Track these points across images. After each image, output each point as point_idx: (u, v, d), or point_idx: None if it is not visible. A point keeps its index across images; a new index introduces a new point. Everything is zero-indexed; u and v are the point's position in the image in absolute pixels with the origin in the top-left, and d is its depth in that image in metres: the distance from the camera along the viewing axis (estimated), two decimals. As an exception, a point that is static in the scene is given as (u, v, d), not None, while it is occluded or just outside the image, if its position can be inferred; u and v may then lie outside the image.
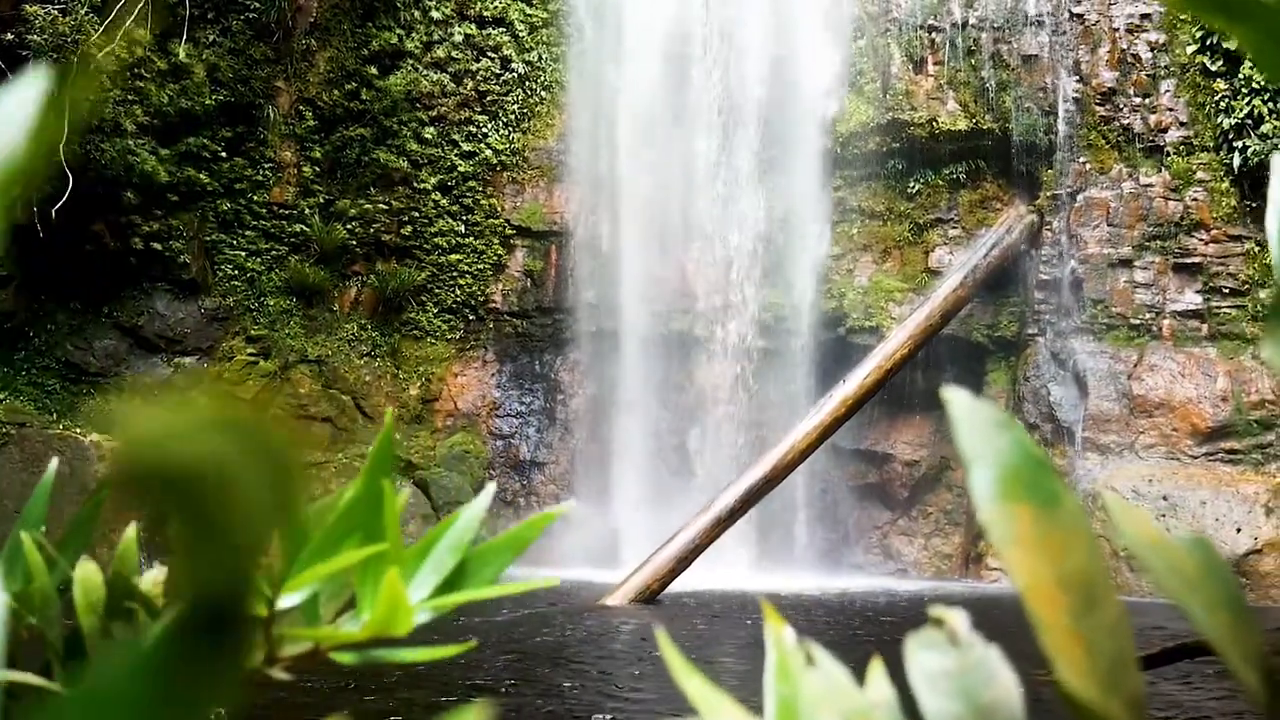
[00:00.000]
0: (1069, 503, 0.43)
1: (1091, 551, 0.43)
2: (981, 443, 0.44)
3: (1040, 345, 13.19)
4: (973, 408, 0.44)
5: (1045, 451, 0.61)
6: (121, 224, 13.52)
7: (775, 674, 0.48)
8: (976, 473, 0.43)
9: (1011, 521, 0.43)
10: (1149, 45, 13.02)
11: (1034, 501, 0.44)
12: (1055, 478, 0.45)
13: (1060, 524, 0.43)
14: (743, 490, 11.30)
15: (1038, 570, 0.42)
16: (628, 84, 14.34)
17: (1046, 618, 0.42)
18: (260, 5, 14.16)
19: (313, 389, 14.48)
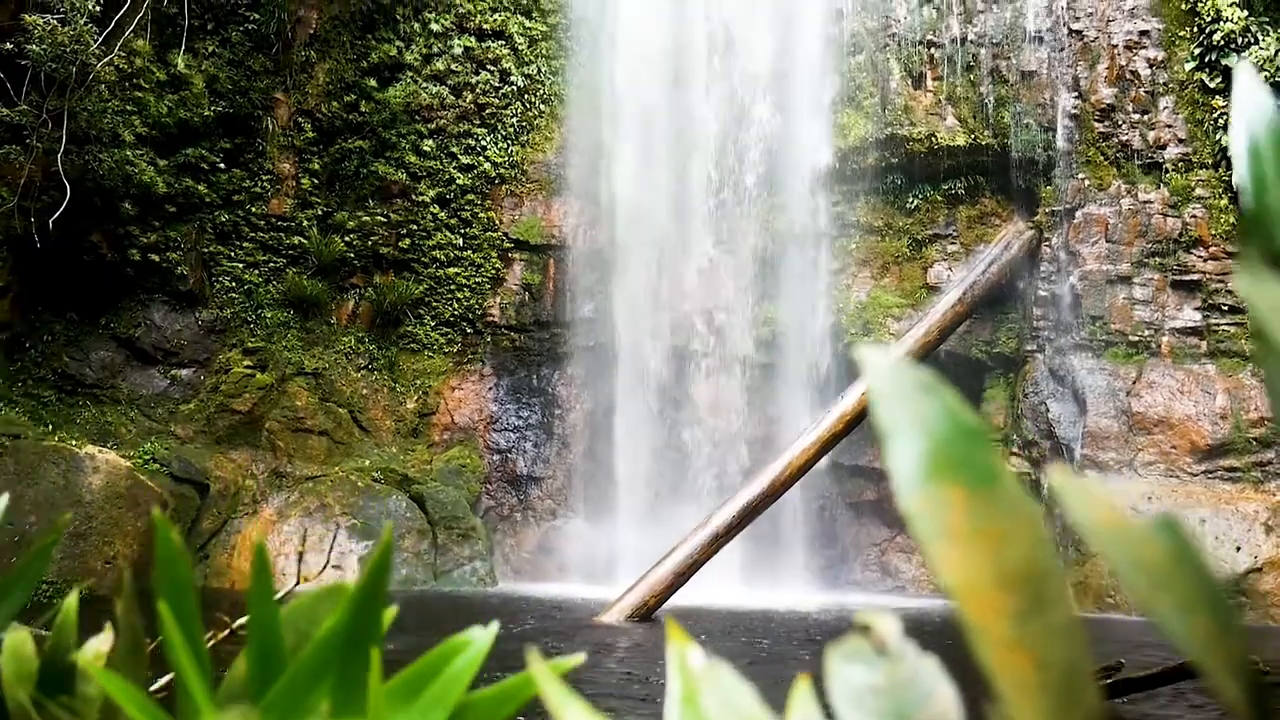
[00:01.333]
0: (1008, 483, 0.36)
1: (1037, 541, 0.36)
2: (902, 410, 0.37)
3: (1039, 362, 13.13)
4: (892, 370, 0.38)
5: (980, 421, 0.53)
6: (119, 235, 13.49)
7: (680, 702, 0.42)
8: (896, 447, 0.36)
9: (940, 506, 0.36)
10: (1147, 62, 13.01)
11: (967, 482, 0.37)
12: (992, 452, 0.38)
13: (999, 508, 0.36)
14: (740, 506, 11.23)
15: (972, 566, 0.35)
16: (626, 98, 14.33)
17: (983, 624, 0.34)
18: (260, 17, 14.16)
19: (309, 402, 14.42)
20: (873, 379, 0.39)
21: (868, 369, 0.40)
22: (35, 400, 13.23)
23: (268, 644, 0.54)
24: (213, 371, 14.17)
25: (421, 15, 15.08)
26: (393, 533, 0.63)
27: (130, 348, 13.99)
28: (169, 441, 13.44)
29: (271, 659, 0.54)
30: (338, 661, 0.53)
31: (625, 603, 10.19)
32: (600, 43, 14.64)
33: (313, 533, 12.83)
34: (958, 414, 0.37)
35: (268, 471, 13.79)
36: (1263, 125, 0.49)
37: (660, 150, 14.37)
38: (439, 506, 13.54)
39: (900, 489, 0.36)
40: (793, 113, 14.04)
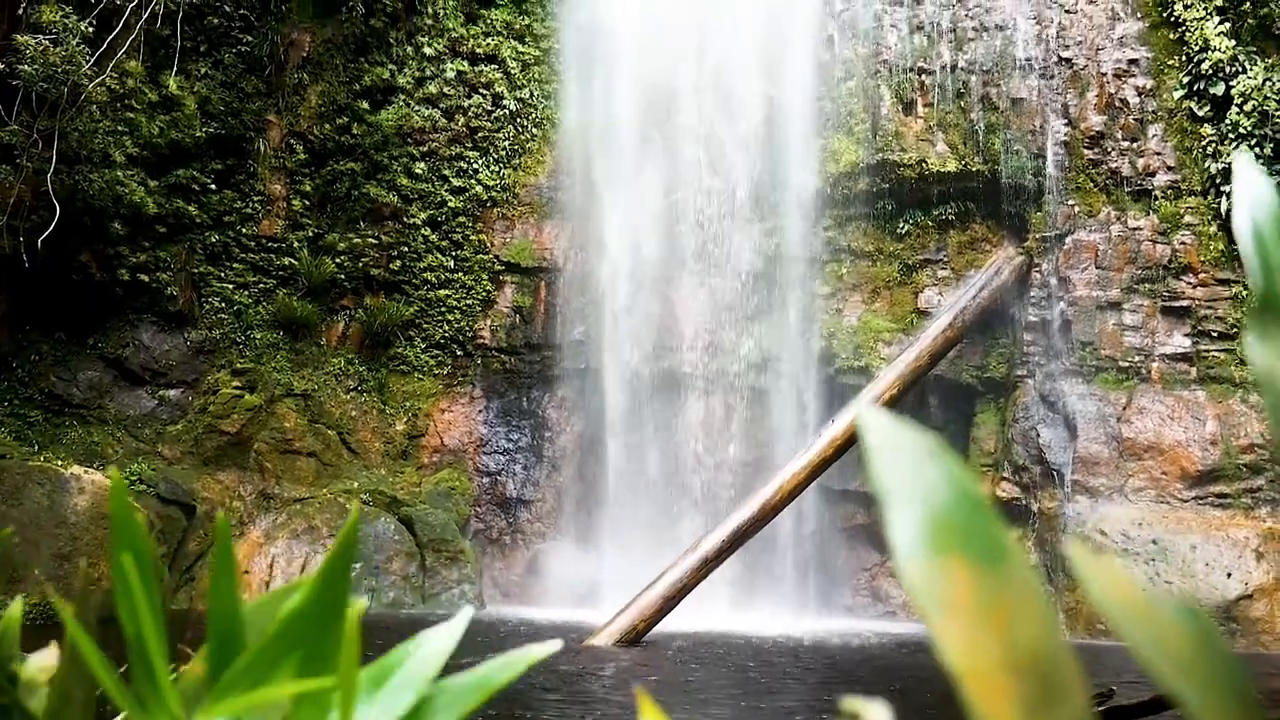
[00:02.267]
0: (1016, 557, 0.34)
1: (1048, 623, 0.34)
2: (904, 476, 0.35)
3: (1029, 387, 13.15)
4: (893, 432, 0.36)
5: (984, 491, 0.51)
6: (108, 255, 13.45)
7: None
8: (895, 514, 0.34)
9: (942, 580, 0.34)
10: (1136, 90, 13.10)
11: (972, 555, 0.35)
12: (998, 524, 0.36)
13: (1007, 585, 0.34)
14: (730, 530, 11.20)
15: (978, 646, 0.32)
16: (618, 122, 14.37)
17: (990, 712, 0.32)
18: (253, 39, 14.19)
19: (298, 423, 14.36)
20: (871, 441, 0.37)
21: (866, 431, 0.37)
22: (21, 420, 13.14)
23: (227, 635, 0.51)
24: (201, 392, 14.10)
25: (414, 39, 15.12)
26: (359, 514, 0.60)
27: (118, 368, 13.92)
28: (156, 462, 13.35)
29: (230, 650, 0.51)
30: (305, 638, 0.51)
31: (614, 627, 10.13)
32: (592, 67, 14.69)
33: (299, 555, 12.74)
34: (961, 481, 0.35)
35: (255, 493, 13.70)
36: (1265, 213, 0.48)
37: (651, 174, 14.40)
38: (428, 529, 13.47)
39: (899, 559, 0.34)
40: (784, 138, 14.09)
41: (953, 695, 0.44)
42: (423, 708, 0.54)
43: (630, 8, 14.40)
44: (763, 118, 14.14)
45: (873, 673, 8.72)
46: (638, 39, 14.33)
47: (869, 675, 8.52)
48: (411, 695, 0.54)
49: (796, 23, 14.17)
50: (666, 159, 14.41)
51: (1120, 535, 11.78)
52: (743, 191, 14.19)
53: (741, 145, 14.18)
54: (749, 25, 14.16)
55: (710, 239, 14.24)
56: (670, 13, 14.36)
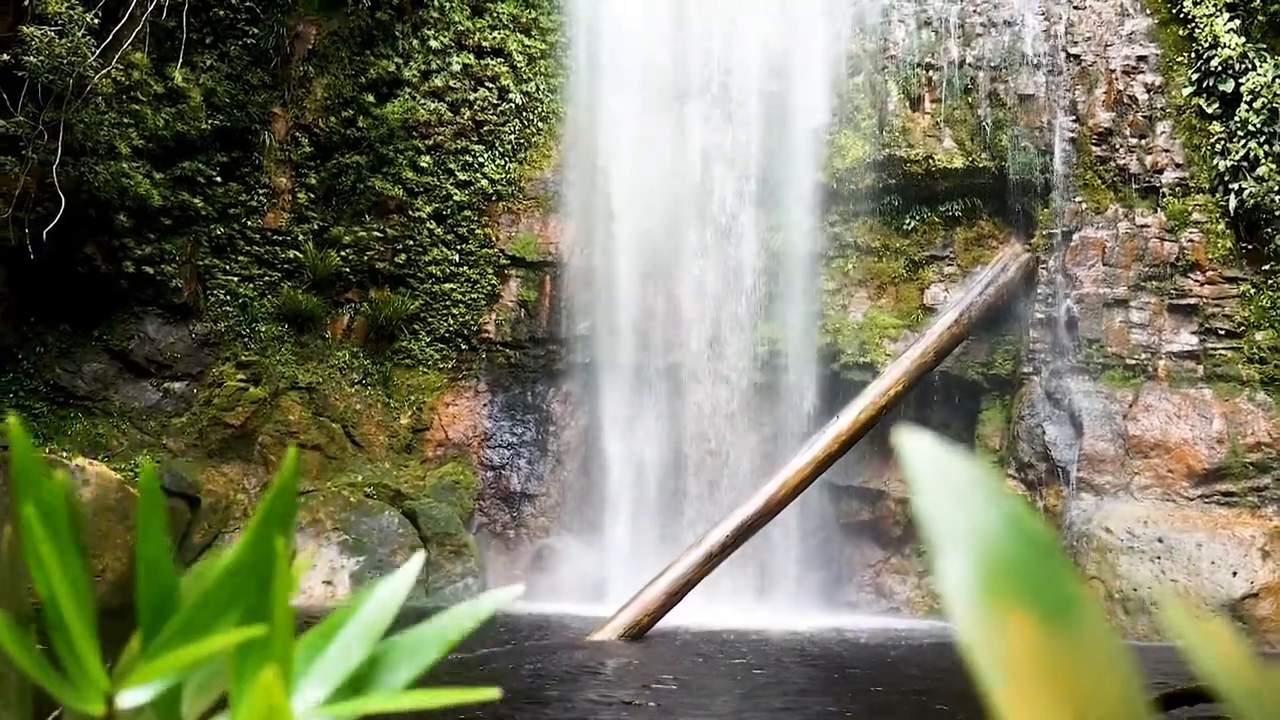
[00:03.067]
0: (1090, 611, 0.30)
1: (1128, 689, 0.30)
2: (954, 515, 0.31)
3: (1035, 384, 13.11)
4: (941, 461, 0.32)
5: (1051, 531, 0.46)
6: (113, 247, 13.43)
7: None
8: (947, 560, 0.31)
9: (1003, 637, 0.30)
10: (1145, 87, 13.04)
11: (1038, 607, 0.30)
12: (1067, 570, 0.32)
13: (1078, 643, 0.30)
14: (734, 525, 11.18)
15: (1046, 715, 0.28)
16: (624, 116, 14.32)
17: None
18: (259, 31, 14.16)
19: (302, 416, 14.35)
20: (915, 472, 0.34)
21: (910, 462, 0.35)
22: (26, 412, 13.15)
23: (159, 600, 0.48)
24: (206, 385, 14.10)
25: (420, 32, 15.08)
26: (297, 455, 0.57)
27: (123, 360, 13.91)
28: (160, 454, 13.36)
29: (164, 615, 0.48)
30: (244, 593, 0.48)
31: (618, 621, 10.12)
32: (598, 61, 14.64)
33: (303, 548, 12.74)
34: (1023, 520, 0.31)
35: (259, 486, 13.71)
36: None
37: (657, 168, 14.36)
38: (432, 523, 13.46)
39: (953, 611, 0.31)
40: (790, 133, 14.05)
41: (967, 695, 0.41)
42: (376, 662, 0.52)
43: (636, 2, 14.36)
44: (769, 113, 14.09)
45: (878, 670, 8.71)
46: (644, 33, 14.29)
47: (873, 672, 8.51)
48: (363, 650, 0.52)
49: (804, 17, 14.12)
50: (672, 154, 14.37)
51: (1125, 533, 11.75)
52: (748, 187, 14.15)
53: (748, 140, 14.14)
54: (756, 20, 14.11)
55: (716, 234, 14.20)
56: (676, 7, 14.32)
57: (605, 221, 14.52)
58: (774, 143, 14.10)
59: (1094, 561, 11.78)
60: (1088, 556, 11.83)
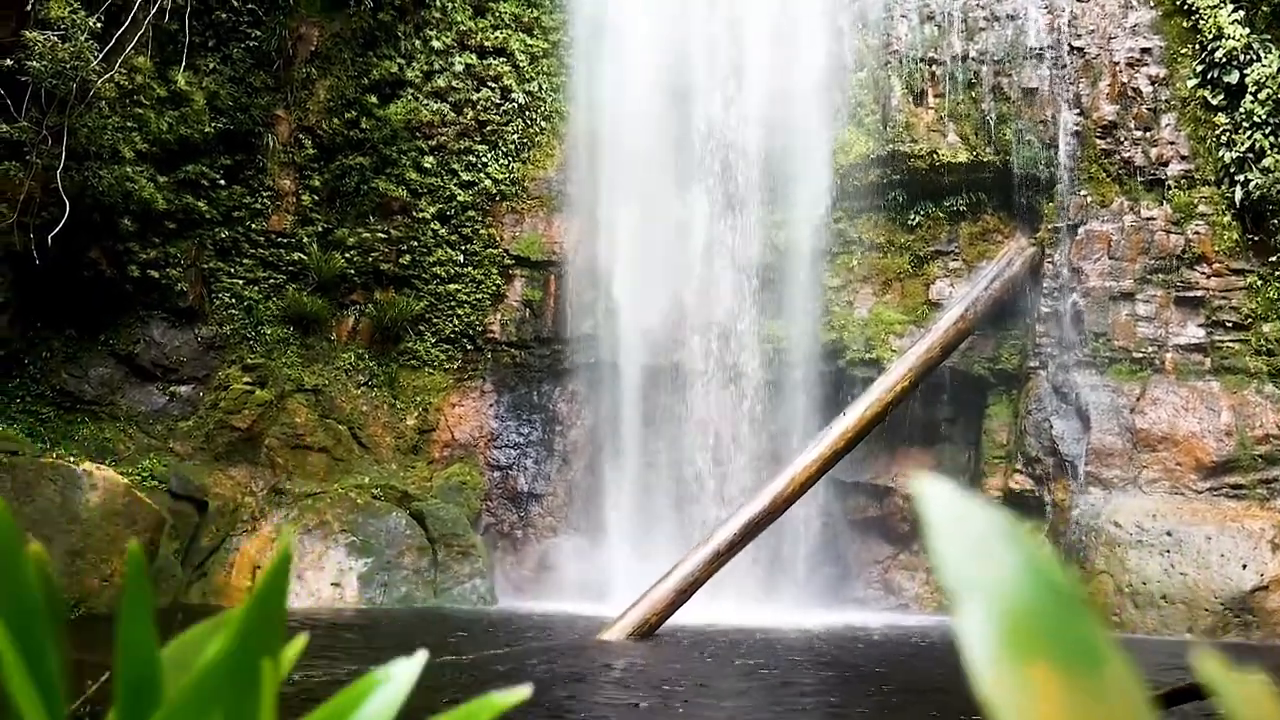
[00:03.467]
0: (1116, 665, 0.29)
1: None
2: (974, 562, 0.30)
3: (1042, 378, 13.08)
4: (959, 507, 0.30)
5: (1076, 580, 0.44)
6: (118, 251, 13.44)
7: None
8: (967, 611, 0.30)
9: (1026, 692, 0.28)
10: (1149, 79, 13.00)
11: (1062, 661, 0.29)
12: (1092, 622, 0.30)
13: (1106, 699, 0.28)
14: (742, 523, 11.17)
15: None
16: (628, 115, 14.31)
17: None
18: (261, 34, 14.15)
19: (309, 418, 14.35)
20: (932, 519, 0.33)
21: (928, 510, 0.33)
22: (33, 417, 13.16)
23: (140, 684, 0.45)
24: (212, 388, 14.10)
25: (423, 33, 15.07)
26: (294, 539, 0.54)
27: (129, 364, 13.92)
28: (167, 458, 13.36)
29: (144, 701, 0.46)
30: (224, 694, 0.45)
31: (626, 621, 10.11)
32: (601, 60, 14.63)
33: (311, 550, 12.74)
34: (1047, 571, 0.30)
35: (267, 489, 13.71)
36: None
37: (661, 166, 14.35)
38: (439, 524, 13.46)
39: (974, 666, 0.29)
40: (794, 129, 14.02)
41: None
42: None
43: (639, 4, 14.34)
44: (773, 110, 14.07)
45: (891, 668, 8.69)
46: (646, 31, 14.27)
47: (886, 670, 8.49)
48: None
49: (807, 13, 14.10)
50: (676, 151, 14.35)
51: (1135, 527, 11.72)
52: (752, 184, 14.12)
53: (751, 137, 14.12)
54: (758, 16, 14.09)
55: (720, 231, 14.19)
56: (678, 5, 14.30)
57: (609, 219, 14.50)
58: (777, 139, 14.07)
59: (1103, 556, 11.75)
60: (1096, 551, 11.80)
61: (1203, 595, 11.15)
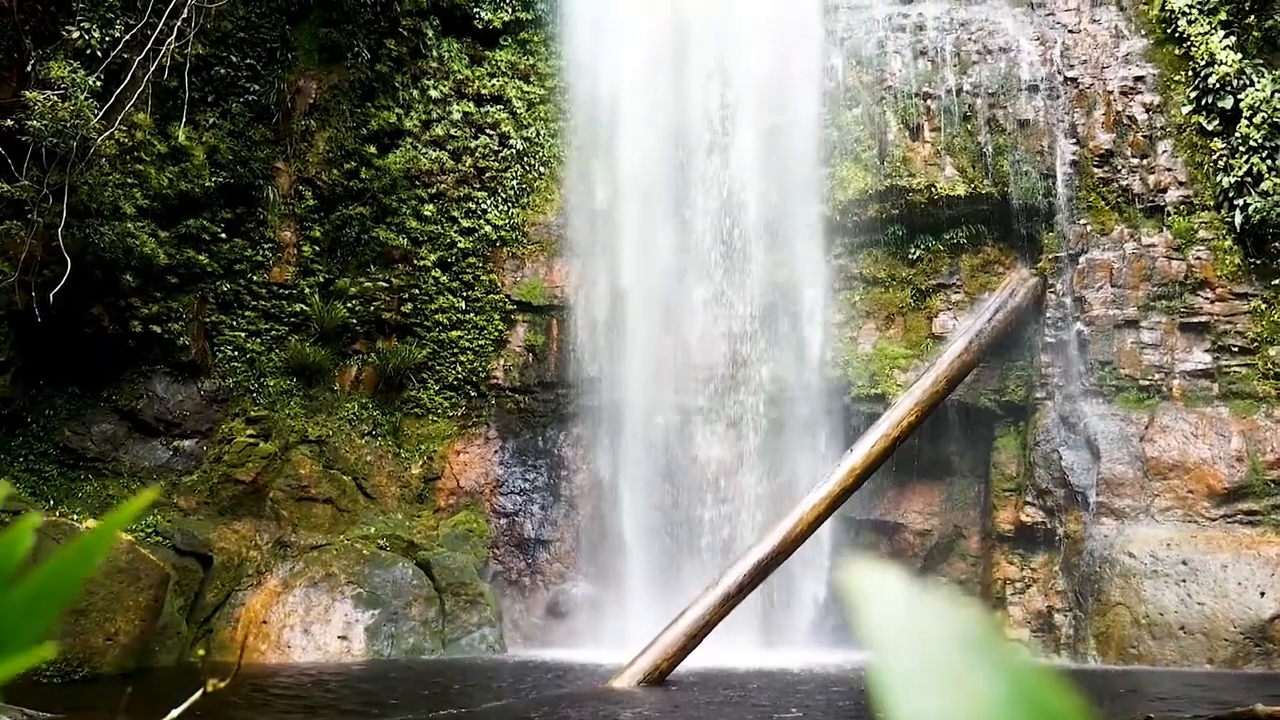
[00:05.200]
0: None
1: None
2: (940, 692, 0.24)
3: (1049, 409, 12.99)
4: (917, 615, 0.24)
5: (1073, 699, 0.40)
6: (120, 307, 13.45)
7: None
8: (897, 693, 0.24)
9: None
10: (1144, 107, 13.03)
11: None
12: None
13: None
14: (752, 564, 11.05)
15: None
16: (625, 156, 14.38)
17: None
18: (260, 88, 14.26)
19: (313, 470, 14.29)
20: (878, 636, 0.27)
21: (868, 618, 0.28)
22: (37, 475, 13.11)
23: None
24: (215, 442, 14.05)
25: (420, 82, 15.19)
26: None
27: (132, 420, 13.89)
28: (172, 514, 13.29)
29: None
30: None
31: (637, 667, 9.96)
32: (598, 103, 14.72)
33: (317, 603, 12.61)
34: (1035, 691, 0.24)
35: (272, 542, 13.61)
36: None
37: (660, 207, 14.38)
38: (446, 573, 13.34)
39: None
40: (792, 168, 14.06)
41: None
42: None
43: (633, 45, 14.46)
44: (770, 148, 14.12)
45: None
46: (641, 75, 14.37)
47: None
48: None
49: (800, 53, 14.20)
50: (674, 192, 14.40)
51: (1149, 557, 11.57)
52: (752, 222, 14.14)
53: (749, 176, 14.15)
54: (753, 57, 14.18)
55: (721, 271, 14.18)
56: (673, 48, 14.41)
57: (610, 262, 14.52)
58: (776, 178, 14.11)
59: (1118, 587, 11.60)
60: (1111, 582, 11.65)
61: (1221, 625, 10.97)
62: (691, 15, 14.34)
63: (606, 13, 14.65)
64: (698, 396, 14.26)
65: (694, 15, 14.33)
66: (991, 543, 13.30)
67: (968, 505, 13.85)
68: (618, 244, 14.45)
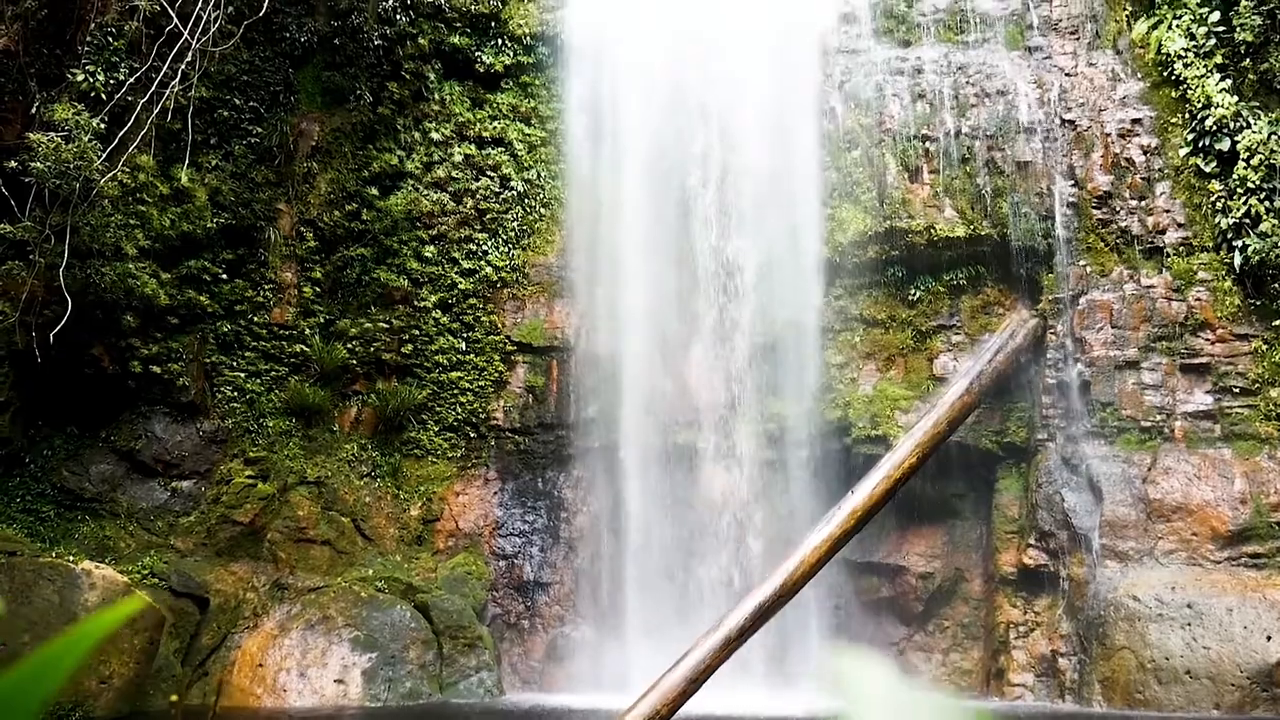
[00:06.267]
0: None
1: None
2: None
3: (1051, 450, 12.93)
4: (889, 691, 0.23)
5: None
6: (120, 347, 13.46)
7: None
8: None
9: None
10: (1141, 149, 13.10)
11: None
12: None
13: None
14: (753, 608, 10.94)
15: None
16: (625, 198, 14.44)
17: None
18: (263, 130, 14.37)
19: (312, 511, 14.22)
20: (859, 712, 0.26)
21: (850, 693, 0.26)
22: (34, 516, 13.05)
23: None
24: (214, 482, 14.00)
25: (422, 125, 15.30)
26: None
27: (130, 460, 13.84)
28: (169, 555, 13.20)
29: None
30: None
31: (636, 712, 9.84)
32: (598, 145, 14.81)
33: (314, 646, 12.49)
34: None
35: (269, 583, 13.51)
36: None
37: (660, 249, 14.42)
38: (444, 616, 13.22)
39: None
40: (791, 209, 14.12)
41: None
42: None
43: (633, 89, 14.57)
44: (769, 190, 14.18)
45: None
46: (642, 117, 14.47)
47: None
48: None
49: (799, 95, 14.30)
50: (674, 233, 14.44)
51: (1154, 600, 11.47)
52: (752, 263, 14.17)
53: (749, 217, 14.20)
54: (752, 100, 14.29)
55: (721, 311, 14.19)
56: (673, 91, 14.52)
57: (610, 303, 14.53)
58: (775, 219, 14.15)
59: (1123, 631, 11.48)
60: (1116, 626, 11.53)
61: (1228, 669, 10.85)
62: (692, 60, 14.46)
63: (607, 57, 14.78)
64: (698, 438, 14.22)
65: (694, 60, 14.45)
66: (994, 585, 13.19)
67: (970, 548, 13.76)
68: (618, 285, 14.47)
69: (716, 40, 14.39)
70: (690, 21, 14.48)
